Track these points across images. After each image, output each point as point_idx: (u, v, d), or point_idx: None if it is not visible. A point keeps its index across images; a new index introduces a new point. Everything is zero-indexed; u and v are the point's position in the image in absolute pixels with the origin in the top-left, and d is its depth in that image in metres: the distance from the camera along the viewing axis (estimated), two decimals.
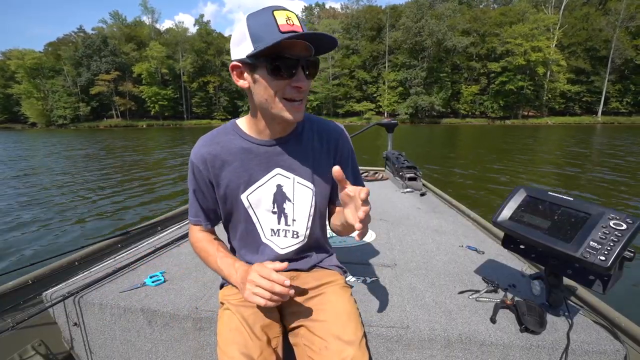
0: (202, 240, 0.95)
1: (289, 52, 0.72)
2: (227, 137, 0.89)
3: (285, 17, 0.70)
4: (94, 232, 4.16)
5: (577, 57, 42.99)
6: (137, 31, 56.13)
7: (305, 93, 0.79)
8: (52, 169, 9.35)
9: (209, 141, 0.89)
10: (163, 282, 1.21)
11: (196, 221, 0.96)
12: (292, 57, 0.73)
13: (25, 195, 6.20)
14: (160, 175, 8.10)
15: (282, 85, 0.75)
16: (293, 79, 0.75)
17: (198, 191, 0.92)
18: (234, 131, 0.90)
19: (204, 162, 0.87)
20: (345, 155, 0.96)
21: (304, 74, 0.75)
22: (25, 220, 4.65)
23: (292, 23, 0.71)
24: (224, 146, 0.88)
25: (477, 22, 45.85)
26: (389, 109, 48.29)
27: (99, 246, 1.46)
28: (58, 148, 16.04)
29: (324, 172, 0.93)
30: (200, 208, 0.94)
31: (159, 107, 52.01)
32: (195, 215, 0.95)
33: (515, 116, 44.94)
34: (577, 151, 12.04)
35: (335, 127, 0.96)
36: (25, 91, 50.91)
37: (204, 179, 0.89)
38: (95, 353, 1.13)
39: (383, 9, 53.93)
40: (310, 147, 0.91)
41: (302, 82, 0.75)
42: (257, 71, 0.75)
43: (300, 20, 0.73)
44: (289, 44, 0.72)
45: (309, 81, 0.78)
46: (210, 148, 0.88)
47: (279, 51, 0.72)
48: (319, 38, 0.73)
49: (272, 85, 0.75)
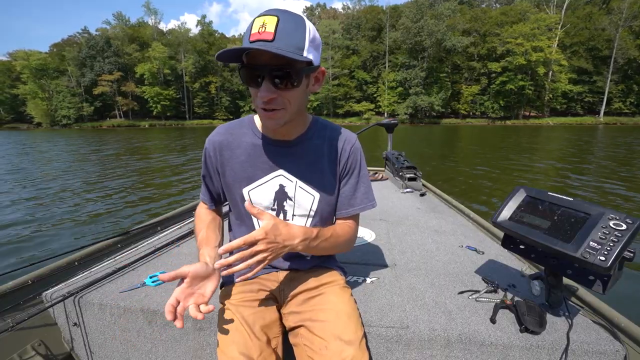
0: (201, 216, 1.00)
1: (254, 61, 0.71)
2: (241, 130, 0.92)
3: (260, 24, 0.68)
4: (95, 232, 4.16)
5: (579, 56, 42.81)
6: (139, 32, 56.48)
7: (279, 103, 0.75)
8: (53, 169, 9.38)
9: (225, 131, 0.92)
10: (163, 282, 1.21)
11: (203, 199, 1.02)
12: (254, 67, 0.72)
13: (27, 194, 6.22)
14: (164, 176, 8.13)
15: (254, 94, 0.76)
16: (260, 89, 0.73)
17: (207, 176, 0.96)
18: (249, 126, 0.92)
19: (214, 149, 0.91)
20: (351, 165, 0.94)
21: (272, 83, 0.72)
22: (25, 220, 4.65)
23: (264, 30, 0.67)
24: (236, 138, 0.91)
25: (477, 22, 45.76)
26: (389, 109, 48.24)
27: (98, 246, 1.46)
28: (60, 147, 16.11)
29: (329, 179, 0.92)
30: (207, 190, 0.99)
31: (161, 107, 52.38)
32: (203, 194, 1.01)
33: (516, 116, 44.82)
34: (576, 151, 12.00)
35: (348, 135, 0.95)
36: (30, 91, 51.54)
37: (213, 165, 0.93)
38: (95, 353, 1.13)
39: (384, 9, 53.89)
40: (318, 153, 0.91)
41: (264, 92, 0.72)
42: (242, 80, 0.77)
43: (282, 24, 0.68)
44: (256, 53, 0.70)
45: (286, 91, 0.74)
46: (223, 137, 0.91)
47: (247, 60, 0.72)
48: (281, 46, 0.68)
49: (250, 92, 0.77)
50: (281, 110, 0.76)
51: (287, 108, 0.77)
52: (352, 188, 0.95)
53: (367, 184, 0.97)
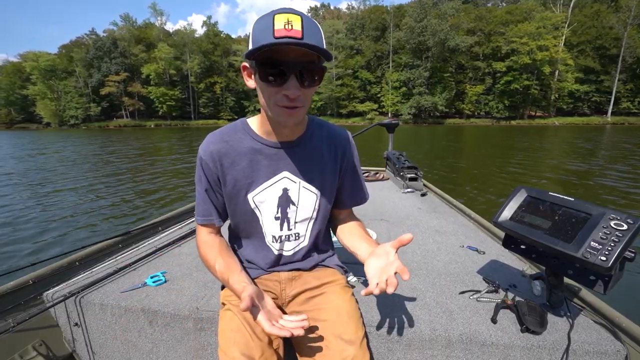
0: (208, 243, 0.92)
1: (282, 57, 0.69)
2: (236, 135, 0.88)
3: (284, 22, 0.67)
4: (95, 232, 4.18)
5: (586, 55, 42.03)
6: (146, 33, 57.01)
7: (301, 100, 0.75)
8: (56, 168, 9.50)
9: (218, 138, 0.88)
10: (164, 282, 1.21)
11: (207, 221, 0.92)
12: (282, 64, 0.70)
13: (30, 194, 6.31)
14: (168, 176, 8.18)
15: (274, 92, 0.73)
16: (284, 87, 0.71)
17: (210, 190, 0.90)
18: (244, 130, 0.89)
19: (212, 159, 0.86)
20: (350, 161, 0.97)
21: (298, 81, 0.71)
22: (26, 219, 4.70)
23: (291, 27, 0.66)
24: (232, 145, 0.87)
25: (482, 21, 45.25)
26: (392, 109, 48.00)
27: (99, 246, 1.46)
28: (69, 147, 16.27)
29: (330, 177, 0.93)
30: (212, 206, 0.91)
31: (166, 108, 52.81)
32: (206, 214, 0.91)
33: (521, 116, 44.20)
34: (581, 151, 11.85)
35: (343, 133, 0.97)
36: (39, 92, 52.56)
37: (213, 176, 0.88)
38: (96, 353, 1.14)
39: (389, 9, 53.67)
40: (318, 152, 0.91)
41: (291, 90, 0.71)
42: (256, 75, 0.75)
43: (306, 23, 0.68)
44: (283, 49, 0.68)
45: (308, 89, 0.74)
46: (219, 146, 0.87)
47: (270, 57, 0.69)
48: (312, 43, 0.67)
49: (265, 91, 0.74)
50: (302, 108, 0.76)
51: (305, 105, 0.78)
52: (357, 181, 1.01)
53: (361, 177, 1.04)
